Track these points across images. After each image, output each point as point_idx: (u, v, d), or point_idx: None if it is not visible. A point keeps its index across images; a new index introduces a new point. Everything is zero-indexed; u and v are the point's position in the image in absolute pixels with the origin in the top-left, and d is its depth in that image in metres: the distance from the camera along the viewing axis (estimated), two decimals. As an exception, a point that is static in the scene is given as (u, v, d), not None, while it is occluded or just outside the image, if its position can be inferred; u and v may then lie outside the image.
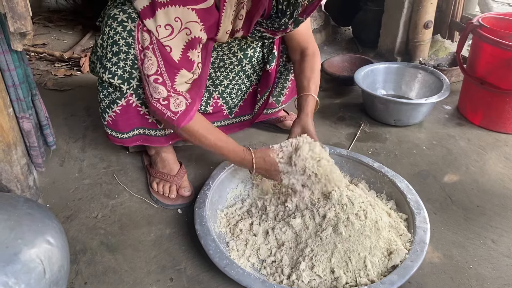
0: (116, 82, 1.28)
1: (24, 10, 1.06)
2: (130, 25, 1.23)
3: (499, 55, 1.79)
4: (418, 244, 1.22)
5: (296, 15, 1.29)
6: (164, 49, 1.20)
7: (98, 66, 1.33)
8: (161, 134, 1.45)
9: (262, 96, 1.69)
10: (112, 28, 1.24)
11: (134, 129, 1.42)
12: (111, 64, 1.27)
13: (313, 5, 1.28)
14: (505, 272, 1.26)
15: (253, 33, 1.39)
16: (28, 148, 1.38)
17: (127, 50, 1.25)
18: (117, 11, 1.24)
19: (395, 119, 1.93)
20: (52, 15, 3.34)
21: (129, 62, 1.26)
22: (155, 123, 1.42)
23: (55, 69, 2.46)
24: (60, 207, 1.47)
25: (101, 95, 1.35)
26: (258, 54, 1.56)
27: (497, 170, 1.69)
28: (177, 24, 1.17)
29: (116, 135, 1.41)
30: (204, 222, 1.28)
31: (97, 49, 1.31)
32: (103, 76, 1.29)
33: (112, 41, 1.24)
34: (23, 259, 0.95)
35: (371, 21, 2.67)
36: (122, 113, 1.35)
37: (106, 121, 1.39)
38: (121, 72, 1.28)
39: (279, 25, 1.33)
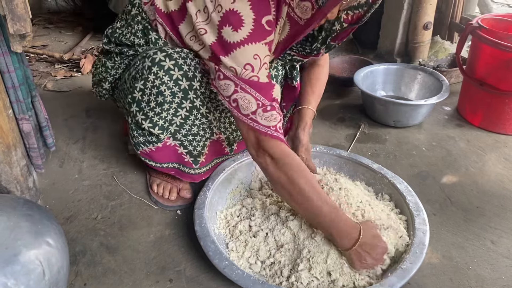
0: (156, 132, 1.28)
1: (23, 12, 1.06)
2: (176, 73, 1.19)
3: (499, 56, 1.79)
4: (417, 246, 1.22)
5: (329, 40, 1.29)
6: (251, 81, 1.11)
7: (134, 109, 1.27)
8: (195, 172, 1.44)
9: (288, 110, 1.65)
10: (158, 77, 1.19)
11: (169, 162, 1.41)
12: (153, 113, 1.25)
13: (346, 32, 1.29)
14: (505, 273, 1.26)
15: (284, 57, 1.38)
16: (28, 150, 1.38)
17: (171, 99, 1.23)
18: (161, 56, 1.19)
19: (394, 120, 1.93)
20: (52, 16, 3.35)
21: (171, 111, 1.25)
22: (191, 162, 1.41)
23: (55, 71, 2.47)
24: (59, 208, 1.47)
25: (135, 133, 1.33)
26: (281, 72, 1.51)
27: (497, 171, 1.69)
28: (256, 62, 1.10)
29: (150, 162, 1.41)
30: (204, 223, 1.28)
31: (135, 91, 1.24)
32: (143, 123, 1.27)
33: (157, 91, 1.21)
34: (22, 260, 0.95)
35: (370, 22, 2.65)
36: (158, 151, 1.35)
37: (139, 152, 1.38)
38: (162, 123, 1.27)
39: (311, 50, 1.34)
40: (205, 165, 1.45)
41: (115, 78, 1.43)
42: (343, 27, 1.28)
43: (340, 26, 1.28)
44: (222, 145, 1.45)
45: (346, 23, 1.28)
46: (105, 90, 1.48)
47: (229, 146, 1.47)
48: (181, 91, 1.22)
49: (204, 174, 1.47)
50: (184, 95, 1.24)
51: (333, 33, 1.28)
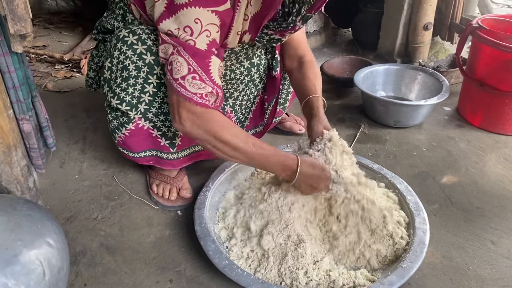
0: (124, 108, 1.28)
1: (24, 12, 1.06)
2: (140, 47, 1.21)
3: (499, 57, 1.79)
4: (417, 245, 1.22)
5: (304, 11, 1.26)
6: (187, 44, 1.10)
7: (105, 89, 1.30)
8: (173, 157, 1.43)
9: (269, 103, 1.66)
10: (122, 52, 1.21)
11: (146, 150, 1.41)
12: (120, 89, 1.26)
13: (321, 0, 1.24)
14: (505, 274, 1.26)
15: (261, 37, 1.36)
16: (28, 150, 1.38)
17: (137, 74, 1.23)
18: (126, 32, 1.22)
19: (394, 120, 1.93)
20: (52, 17, 3.35)
21: (138, 86, 1.25)
22: (167, 146, 1.40)
23: (55, 71, 2.47)
24: (60, 208, 1.47)
25: (109, 117, 1.34)
26: (264, 61, 1.53)
27: (497, 171, 1.69)
28: (197, 26, 1.09)
29: (127, 153, 1.41)
30: (204, 223, 1.28)
31: (104, 71, 1.28)
32: (111, 101, 1.28)
33: (122, 66, 1.23)
34: (22, 260, 0.95)
35: (370, 23, 2.67)
36: (132, 135, 1.35)
37: (116, 140, 1.38)
38: (130, 98, 1.27)
39: (287, 24, 1.30)
40: (183, 149, 1.44)
41: (98, 66, 1.46)
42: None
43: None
44: None
45: None
46: (91, 79, 1.50)
47: None
48: (146, 66, 1.22)
49: (184, 160, 1.45)
50: (150, 70, 1.23)
51: (307, 4, 1.24)
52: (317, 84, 1.48)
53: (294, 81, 1.55)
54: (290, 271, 1.17)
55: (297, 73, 1.54)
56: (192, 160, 1.50)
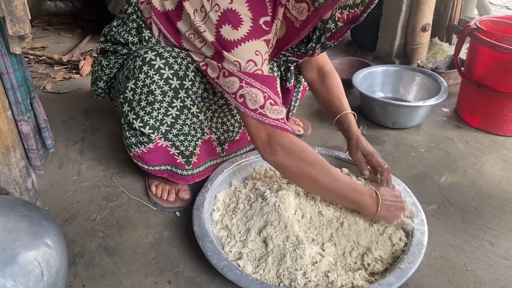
0: (147, 132, 1.28)
1: (23, 14, 1.06)
2: (167, 72, 1.20)
3: (497, 58, 1.80)
4: (416, 246, 1.22)
5: (323, 39, 1.29)
6: (256, 74, 1.13)
7: (125, 108, 1.27)
8: (187, 174, 1.44)
9: None
10: (149, 76, 1.20)
11: (161, 165, 1.41)
12: (144, 113, 1.25)
13: (342, 31, 1.28)
14: (503, 274, 1.26)
15: (278, 57, 1.38)
16: (27, 151, 1.38)
17: (162, 98, 1.23)
18: (152, 55, 1.20)
19: (393, 121, 1.93)
20: (51, 18, 3.35)
21: (162, 110, 1.25)
22: (183, 163, 1.41)
23: (54, 72, 2.47)
24: (58, 209, 1.47)
25: (127, 134, 1.33)
26: (277, 73, 1.51)
27: (495, 172, 1.69)
28: (258, 58, 1.12)
29: (142, 165, 1.40)
30: (202, 224, 1.28)
31: (127, 91, 1.25)
32: (134, 122, 1.27)
33: (147, 90, 1.21)
34: (21, 261, 0.95)
35: (369, 24, 2.67)
36: (149, 152, 1.35)
37: (132, 153, 1.38)
38: (153, 122, 1.26)
39: (306, 50, 1.33)
40: (197, 166, 1.45)
41: (109, 77, 1.44)
42: (338, 26, 1.26)
43: (334, 25, 1.27)
44: (213, 145, 1.45)
45: (342, 23, 1.27)
46: (100, 89, 1.49)
47: (220, 146, 1.48)
48: (171, 90, 1.23)
49: (198, 176, 1.47)
50: (175, 94, 1.24)
51: (327, 32, 1.27)
52: (342, 98, 1.51)
53: (319, 94, 1.57)
54: (289, 272, 1.17)
55: (320, 87, 1.55)
56: (205, 176, 1.49)
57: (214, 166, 1.52)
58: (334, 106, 1.50)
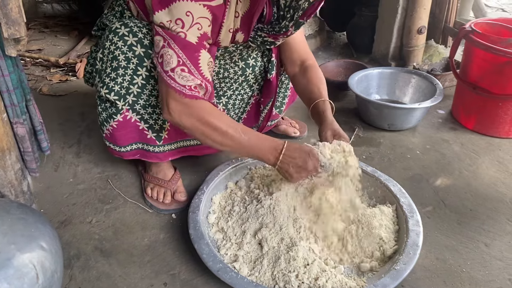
0: (112, 98, 1.29)
1: (18, 16, 1.07)
2: (131, 39, 1.23)
3: (491, 60, 1.81)
4: (411, 247, 1.23)
5: (296, 17, 1.28)
6: (178, 36, 1.13)
7: (97, 80, 1.32)
8: (159, 150, 1.44)
9: (265, 106, 1.66)
10: (113, 43, 1.24)
11: (132, 143, 1.42)
12: (109, 79, 1.27)
13: (313, 7, 1.26)
14: (498, 276, 1.27)
15: (255, 38, 1.37)
16: (22, 153, 1.38)
17: (126, 65, 1.25)
18: (118, 24, 1.24)
19: (389, 123, 1.94)
20: (48, 20, 3.35)
21: (127, 77, 1.26)
22: (154, 139, 1.41)
23: (50, 75, 2.47)
24: (54, 212, 1.47)
25: (99, 109, 1.36)
26: (260, 63, 1.53)
27: (490, 174, 1.70)
28: (188, 19, 1.12)
29: (114, 147, 1.41)
30: (198, 227, 1.28)
31: (96, 62, 1.30)
32: (101, 90, 1.29)
33: (112, 56, 1.25)
34: (16, 264, 0.95)
35: (365, 27, 2.69)
36: (119, 128, 1.35)
37: (104, 133, 1.39)
38: (118, 88, 1.28)
39: (279, 28, 1.32)
40: (169, 143, 1.45)
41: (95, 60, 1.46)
42: (310, 2, 1.23)
43: (307, 2, 1.23)
44: None
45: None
46: (88, 74, 1.53)
47: None
48: (135, 57, 1.24)
49: (171, 154, 1.46)
50: (139, 62, 1.25)
51: (300, 10, 1.25)
52: (322, 87, 1.47)
53: (298, 86, 1.54)
54: (283, 274, 1.17)
55: (301, 78, 1.52)
56: (179, 155, 1.50)
57: (188, 148, 1.52)
58: (313, 94, 1.46)
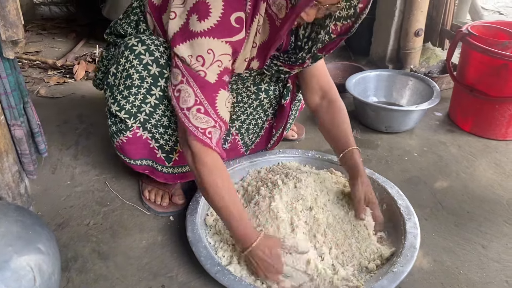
0: (122, 116, 1.27)
1: (16, 18, 1.07)
2: (147, 58, 1.21)
3: (488, 63, 1.82)
4: (408, 249, 1.23)
5: (315, 50, 1.26)
6: (197, 74, 1.11)
7: (108, 94, 1.29)
8: (168, 171, 1.42)
9: (277, 131, 1.62)
10: (129, 60, 1.22)
11: (143, 159, 1.40)
12: (121, 97, 1.25)
13: (334, 43, 1.25)
14: (495, 277, 1.27)
15: (270, 67, 1.35)
16: (20, 156, 1.38)
17: (140, 84, 1.23)
18: (135, 41, 1.22)
19: (386, 126, 1.94)
20: (45, 22, 3.35)
21: (140, 96, 1.25)
22: (163, 159, 1.39)
23: (48, 77, 2.46)
24: (51, 214, 1.47)
25: (109, 122, 1.34)
26: (274, 88, 1.50)
27: (487, 176, 1.70)
28: (209, 56, 1.10)
29: (125, 158, 1.39)
30: (196, 229, 1.28)
31: (109, 76, 1.28)
32: (111, 107, 1.27)
33: (126, 74, 1.23)
34: (13, 266, 0.95)
35: (363, 29, 2.67)
36: (129, 143, 1.34)
37: (115, 144, 1.37)
38: (129, 107, 1.26)
39: (296, 59, 1.30)
40: (179, 166, 1.42)
41: (107, 68, 1.45)
42: (332, 38, 1.23)
43: (328, 37, 1.23)
44: None
45: (335, 34, 1.23)
46: (98, 80, 1.51)
47: None
48: (150, 77, 1.23)
49: (180, 177, 1.44)
50: (154, 81, 1.23)
51: (319, 43, 1.24)
52: (348, 131, 1.42)
53: (323, 124, 1.48)
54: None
55: (324, 115, 1.46)
56: (188, 179, 1.46)
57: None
58: (340, 141, 1.41)
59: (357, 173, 1.34)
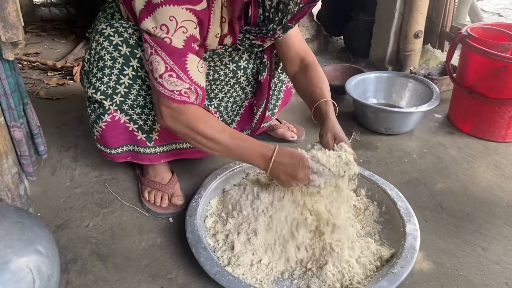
0: (98, 98, 1.29)
1: (15, 20, 1.07)
2: (116, 39, 1.24)
3: (487, 65, 1.82)
4: (408, 250, 1.23)
5: (285, 21, 1.27)
6: (163, 42, 1.14)
7: (85, 81, 1.33)
8: (150, 152, 1.44)
9: (258, 108, 1.64)
10: (99, 43, 1.25)
11: (123, 145, 1.42)
12: (95, 79, 1.28)
13: (303, 11, 1.25)
14: (495, 279, 1.27)
15: (243, 41, 1.37)
16: (19, 157, 1.38)
17: (112, 64, 1.25)
18: (104, 25, 1.26)
19: (386, 127, 1.94)
20: (45, 24, 3.35)
21: (113, 77, 1.27)
22: (144, 140, 1.41)
23: (47, 78, 2.46)
24: (51, 216, 1.47)
25: (89, 110, 1.37)
26: (252, 66, 1.54)
27: (487, 178, 1.71)
28: (172, 23, 1.13)
29: (105, 150, 1.41)
30: (195, 230, 1.28)
31: (85, 64, 1.32)
32: (88, 91, 1.30)
33: (98, 56, 1.26)
34: (12, 268, 0.95)
35: (362, 31, 2.70)
36: (108, 129, 1.36)
37: (95, 135, 1.39)
38: (104, 88, 1.28)
39: (267, 31, 1.31)
40: (160, 145, 1.44)
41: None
42: (300, 7, 1.23)
43: (297, 6, 1.23)
44: None
45: (302, 3, 1.22)
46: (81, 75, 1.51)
47: None
48: (121, 57, 1.25)
49: (163, 156, 1.45)
50: (125, 61, 1.26)
51: (289, 14, 1.25)
52: (324, 87, 1.41)
53: (299, 86, 1.49)
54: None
55: (301, 78, 1.47)
56: (173, 157, 1.50)
57: (182, 150, 1.51)
58: (314, 94, 1.40)
59: (326, 119, 1.32)
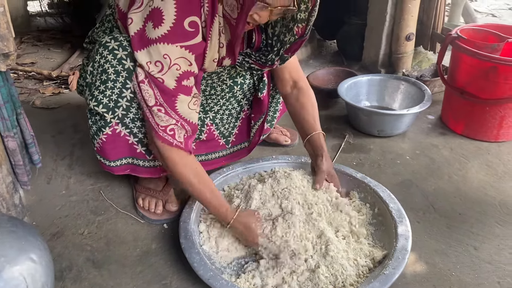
0: (100, 111, 1.29)
1: (6, 32, 1.08)
2: (120, 53, 1.24)
3: (477, 66, 1.84)
4: (400, 251, 1.24)
5: (282, 52, 1.33)
6: (157, 80, 1.18)
7: (87, 93, 1.32)
8: (150, 165, 1.44)
9: (256, 122, 1.66)
10: (103, 56, 1.25)
11: (122, 158, 1.41)
12: (98, 92, 1.28)
13: (297, 44, 1.31)
14: (487, 279, 1.28)
15: (242, 64, 1.42)
16: (14, 167, 1.39)
17: (115, 78, 1.26)
18: (108, 38, 1.26)
19: (378, 130, 1.96)
20: (41, 34, 3.37)
21: (116, 90, 1.27)
22: (143, 153, 1.41)
23: (43, 88, 2.48)
24: (46, 224, 1.48)
25: (90, 122, 1.36)
26: (249, 81, 1.55)
27: (479, 178, 1.72)
28: (166, 61, 1.16)
29: (104, 162, 1.41)
30: (189, 236, 1.29)
31: (87, 75, 1.31)
32: (90, 103, 1.30)
33: (101, 69, 1.26)
34: (5, 276, 0.95)
35: (355, 35, 2.72)
36: (109, 141, 1.36)
37: (95, 147, 1.39)
38: (107, 101, 1.29)
39: (266, 60, 1.37)
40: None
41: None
42: (296, 39, 1.29)
43: (293, 38, 1.29)
44: None
45: (297, 36, 1.29)
46: (81, 87, 1.54)
47: None
48: (125, 71, 1.25)
49: (162, 170, 1.45)
50: (129, 75, 1.26)
51: (287, 44, 1.31)
52: (316, 116, 1.53)
53: (291, 109, 1.58)
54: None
55: (294, 102, 1.56)
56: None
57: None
58: (307, 124, 1.53)
59: (322, 152, 1.46)
